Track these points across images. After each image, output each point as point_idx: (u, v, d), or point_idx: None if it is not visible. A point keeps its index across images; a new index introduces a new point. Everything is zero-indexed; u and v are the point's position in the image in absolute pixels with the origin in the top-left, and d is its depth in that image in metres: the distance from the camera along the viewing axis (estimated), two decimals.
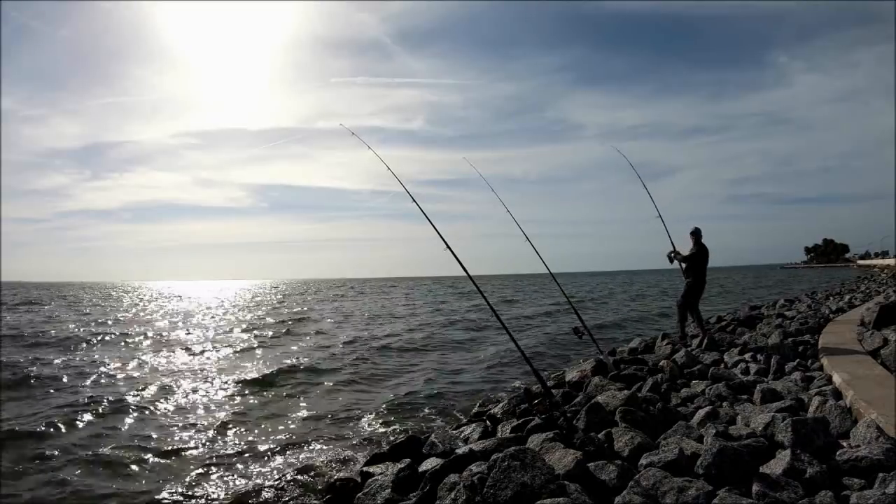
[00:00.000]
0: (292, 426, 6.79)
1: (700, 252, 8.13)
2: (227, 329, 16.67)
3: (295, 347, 13.88)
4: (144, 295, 53.59)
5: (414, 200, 5.86)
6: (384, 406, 7.53)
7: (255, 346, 14.21)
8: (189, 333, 17.33)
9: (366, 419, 6.96)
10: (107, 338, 15.51)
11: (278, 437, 6.32)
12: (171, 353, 12.85)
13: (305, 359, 11.65)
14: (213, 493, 4.76)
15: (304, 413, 7.38)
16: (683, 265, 8.25)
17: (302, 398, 8.27)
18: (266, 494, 4.71)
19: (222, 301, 40.94)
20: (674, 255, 8.32)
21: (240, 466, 5.35)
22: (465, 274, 5.48)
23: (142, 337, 15.89)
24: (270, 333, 16.92)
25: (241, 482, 4.96)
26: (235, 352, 13.09)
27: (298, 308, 30.75)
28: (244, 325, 19.49)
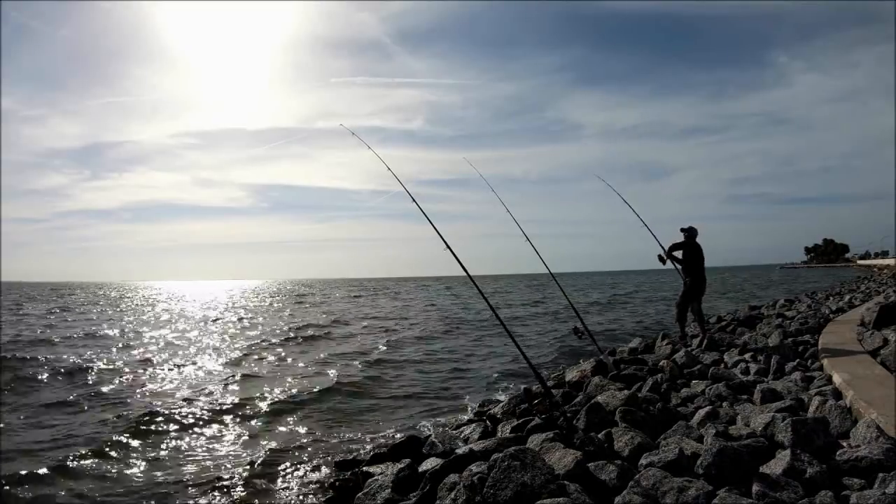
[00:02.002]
0: (294, 427, 6.80)
1: (692, 250, 7.92)
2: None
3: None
4: (159, 299, 47.99)
5: (414, 200, 5.86)
6: None
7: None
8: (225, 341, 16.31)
9: None
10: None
11: (279, 438, 6.32)
12: (190, 359, 12.83)
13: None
14: (213, 492, 4.76)
15: (307, 416, 7.39)
16: (679, 265, 8.11)
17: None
18: (266, 494, 4.72)
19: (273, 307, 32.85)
20: (666, 255, 8.01)
21: (240, 466, 5.35)
22: (465, 274, 5.48)
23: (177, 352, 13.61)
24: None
25: (241, 482, 4.95)
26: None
27: (334, 306, 29.77)
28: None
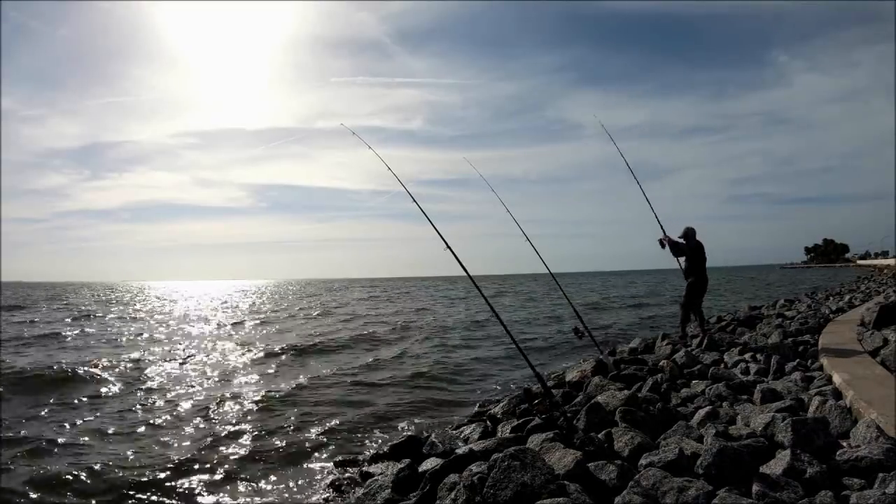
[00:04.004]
0: (293, 428, 6.79)
1: (696, 250, 8.01)
2: None
3: None
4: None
5: (414, 200, 5.86)
6: None
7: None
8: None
9: None
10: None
11: (279, 438, 6.32)
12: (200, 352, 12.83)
13: None
14: (214, 493, 4.76)
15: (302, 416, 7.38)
16: (683, 264, 8.20)
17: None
18: (267, 494, 4.72)
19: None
20: (665, 241, 8.05)
21: (240, 467, 5.35)
22: (465, 274, 5.48)
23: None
24: None
25: (241, 483, 4.95)
26: None
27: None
28: None
